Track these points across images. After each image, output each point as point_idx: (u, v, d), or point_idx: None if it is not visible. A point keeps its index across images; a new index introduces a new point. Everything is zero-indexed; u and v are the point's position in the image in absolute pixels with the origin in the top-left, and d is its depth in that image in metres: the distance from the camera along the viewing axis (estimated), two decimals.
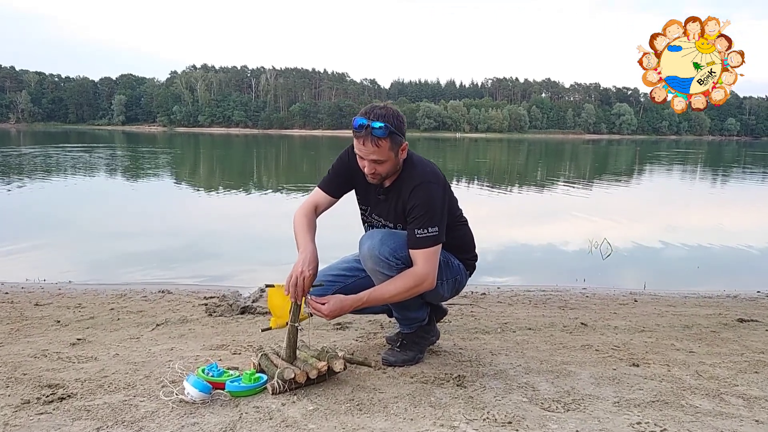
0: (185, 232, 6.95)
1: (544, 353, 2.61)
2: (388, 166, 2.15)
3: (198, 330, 2.93)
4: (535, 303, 3.74)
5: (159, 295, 3.78)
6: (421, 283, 2.15)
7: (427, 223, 2.15)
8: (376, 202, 2.33)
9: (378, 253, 2.15)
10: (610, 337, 2.92)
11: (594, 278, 4.83)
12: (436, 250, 2.18)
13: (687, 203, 11.12)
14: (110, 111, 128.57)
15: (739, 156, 35.01)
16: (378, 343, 2.71)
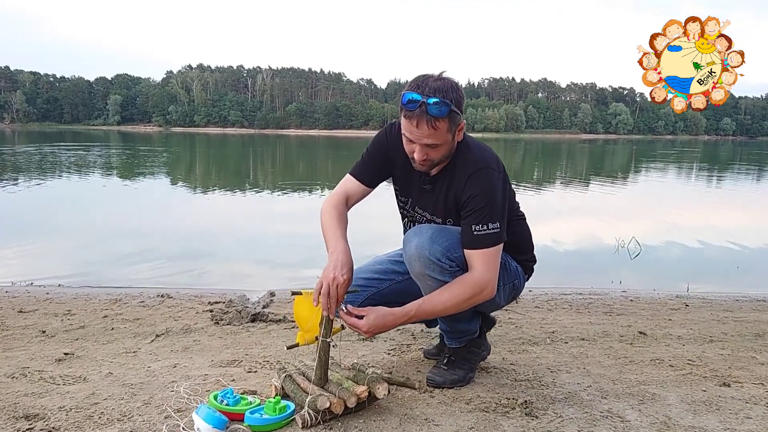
0: (184, 232, 6.56)
1: (612, 370, 2.24)
2: (443, 151, 1.76)
3: (204, 342, 2.54)
4: (577, 308, 3.37)
5: (158, 300, 3.39)
6: (481, 291, 1.78)
7: (487, 217, 1.77)
8: (421, 193, 1.94)
9: (428, 254, 1.77)
10: (679, 349, 2.55)
11: (628, 279, 4.46)
12: (497, 251, 1.80)
13: (702, 201, 10.77)
14: (105, 111, 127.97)
15: (736, 155, 34.79)
16: (414, 357, 2.33)
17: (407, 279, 2.11)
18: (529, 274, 2.10)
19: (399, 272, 2.10)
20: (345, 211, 1.95)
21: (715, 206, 9.87)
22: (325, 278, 1.69)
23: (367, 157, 1.99)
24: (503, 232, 1.81)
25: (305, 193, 10.46)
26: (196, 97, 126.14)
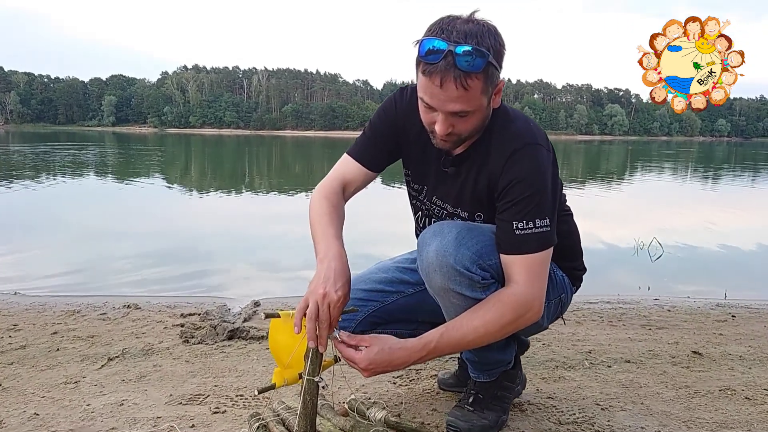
0: (168, 234, 6.06)
1: (677, 405, 1.78)
2: (474, 121, 1.28)
3: (166, 367, 2.07)
4: (609, 320, 2.91)
5: (122, 312, 2.91)
6: (524, 313, 1.31)
7: (534, 212, 1.30)
8: (440, 178, 1.47)
9: (453, 261, 1.30)
10: (747, 374, 2.09)
11: (655, 284, 4.00)
12: (545, 258, 1.34)
13: (708, 201, 10.34)
14: (100, 112, 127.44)
15: (731, 155, 34.49)
16: (427, 387, 1.87)
17: (421, 291, 1.64)
18: (577, 286, 1.64)
19: (409, 282, 1.64)
20: (341, 203, 1.49)
21: (725, 206, 9.44)
22: (313, 295, 1.23)
23: (369, 132, 1.52)
24: (554, 232, 1.35)
25: (299, 194, 9.98)
26: (191, 98, 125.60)
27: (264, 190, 10.41)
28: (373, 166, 1.51)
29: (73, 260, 4.53)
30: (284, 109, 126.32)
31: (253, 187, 11.04)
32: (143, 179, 12.07)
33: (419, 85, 1.26)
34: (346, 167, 1.52)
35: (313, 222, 1.43)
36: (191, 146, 34.40)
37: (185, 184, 11.66)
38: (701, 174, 17.39)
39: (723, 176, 16.44)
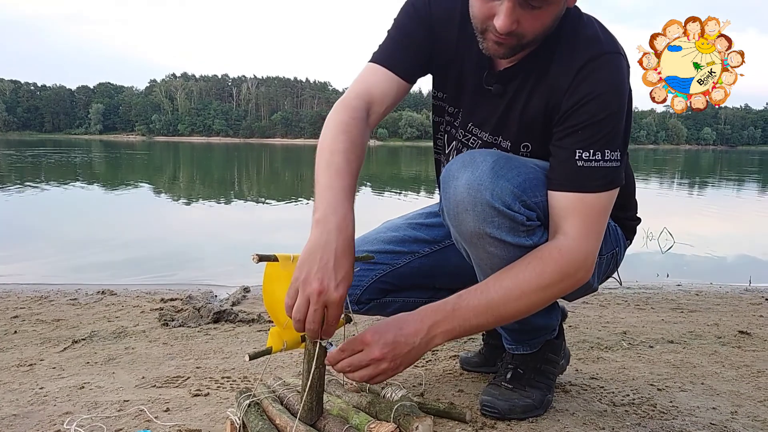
0: (153, 232, 5.75)
1: (744, 385, 1.51)
2: (546, 20, 0.98)
3: (140, 350, 1.77)
4: (636, 303, 2.64)
5: (95, 298, 2.60)
6: (573, 273, 1.03)
7: (606, 140, 1.03)
8: (478, 100, 1.17)
9: (490, 197, 1.02)
10: None
11: (672, 272, 3.76)
12: (608, 202, 1.06)
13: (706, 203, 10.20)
14: (87, 120, 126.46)
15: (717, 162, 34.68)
16: (447, 368, 1.59)
17: (439, 250, 1.38)
18: (630, 239, 1.37)
19: (425, 240, 1.36)
20: (363, 135, 1.09)
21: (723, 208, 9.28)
22: (305, 287, 0.90)
23: (396, 33, 1.16)
24: (623, 170, 1.07)
25: (289, 203, 9.69)
26: (180, 106, 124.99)
27: (253, 197, 10.11)
28: (407, 74, 1.15)
29: (49, 254, 4.21)
30: (273, 117, 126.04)
31: (242, 194, 10.74)
32: (132, 182, 11.71)
33: None
34: (372, 78, 1.14)
35: (320, 161, 1.05)
36: (179, 153, 33.95)
37: (171, 190, 11.32)
38: (688, 182, 17.38)
39: (715, 184, 16.38)
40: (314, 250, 0.92)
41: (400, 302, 1.36)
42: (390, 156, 32.14)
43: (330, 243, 0.92)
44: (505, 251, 1.06)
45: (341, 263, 0.92)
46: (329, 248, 0.92)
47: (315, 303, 0.90)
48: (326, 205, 0.97)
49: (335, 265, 0.91)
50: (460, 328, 1.00)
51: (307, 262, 0.92)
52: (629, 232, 1.35)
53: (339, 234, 0.93)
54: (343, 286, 0.92)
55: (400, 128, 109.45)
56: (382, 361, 0.95)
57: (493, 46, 1.01)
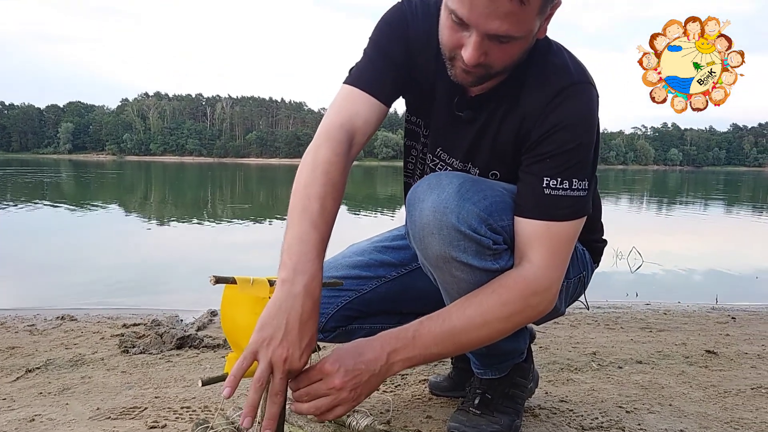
0: (120, 254, 5.60)
1: (711, 406, 1.51)
2: (514, 53, 0.96)
3: (97, 379, 1.69)
4: (605, 323, 2.66)
5: (54, 324, 2.50)
6: (536, 303, 1.02)
7: (575, 170, 1.03)
8: (448, 126, 1.16)
9: (456, 220, 1.00)
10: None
11: (642, 292, 3.80)
12: (574, 232, 1.06)
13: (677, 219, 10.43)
14: (56, 139, 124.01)
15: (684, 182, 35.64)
16: (416, 393, 1.55)
17: (406, 273, 1.36)
18: (597, 262, 1.37)
19: (391, 264, 1.34)
20: (344, 172, 1.04)
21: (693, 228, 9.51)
22: (266, 351, 0.87)
23: (374, 53, 1.11)
24: (590, 200, 1.07)
25: (263, 222, 9.60)
26: (152, 125, 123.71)
27: (226, 218, 9.99)
28: (387, 98, 1.10)
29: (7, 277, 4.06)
30: (248, 137, 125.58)
31: (214, 215, 10.61)
32: (97, 205, 11.46)
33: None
34: (353, 106, 1.08)
35: (294, 204, 0.99)
36: (150, 173, 33.46)
37: (140, 211, 11.11)
38: (657, 202, 17.78)
39: (682, 203, 16.80)
40: (279, 314, 0.89)
41: (366, 329, 1.33)
42: (366, 176, 32.21)
43: (296, 308, 0.89)
44: (472, 275, 1.04)
45: (306, 330, 0.90)
46: (294, 313, 0.89)
47: (279, 371, 0.87)
48: (295, 261, 0.93)
49: (300, 332, 0.89)
50: (420, 357, 0.97)
51: (271, 326, 0.88)
52: (596, 255, 1.35)
53: (306, 298, 0.90)
54: (307, 353, 0.91)
55: (375, 148, 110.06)
56: (342, 390, 0.92)
57: (461, 74, 1.00)
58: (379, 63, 1.10)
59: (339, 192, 1.02)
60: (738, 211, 12.14)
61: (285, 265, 0.93)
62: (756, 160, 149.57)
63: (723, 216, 11.16)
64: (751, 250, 6.12)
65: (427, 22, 1.09)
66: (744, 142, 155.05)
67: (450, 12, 0.93)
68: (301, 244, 0.94)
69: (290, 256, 0.93)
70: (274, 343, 0.87)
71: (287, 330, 0.88)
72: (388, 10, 1.13)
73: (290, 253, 0.94)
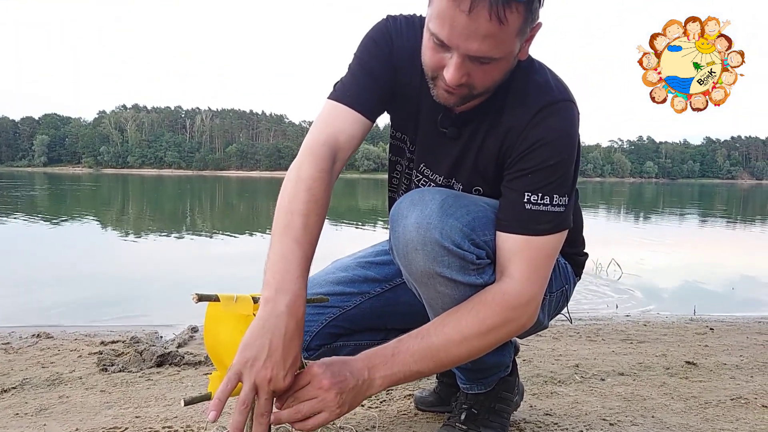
0: (97, 269, 5.50)
1: (692, 417, 1.53)
2: (495, 74, 0.98)
3: (75, 398, 1.65)
4: (587, 335, 2.68)
5: (30, 342, 2.44)
6: (516, 317, 1.02)
7: (556, 186, 1.04)
8: (433, 142, 1.17)
9: (439, 235, 1.01)
10: (752, 383, 1.89)
11: (622, 303, 3.85)
12: (554, 247, 1.07)
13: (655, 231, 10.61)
14: (31, 152, 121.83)
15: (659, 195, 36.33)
16: (402, 408, 1.55)
17: (390, 289, 1.36)
18: (579, 276, 1.38)
19: (376, 279, 1.34)
20: (327, 190, 1.05)
21: (668, 238, 9.68)
22: (250, 372, 0.87)
23: (359, 70, 1.12)
24: (570, 215, 1.09)
25: (242, 234, 9.52)
26: (130, 138, 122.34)
27: (206, 231, 9.89)
28: (371, 113, 1.12)
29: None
30: (228, 149, 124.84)
31: (193, 228, 10.50)
32: (72, 219, 11.26)
33: (434, 11, 0.93)
34: (337, 121, 1.09)
35: (278, 221, 0.99)
36: (127, 186, 33.03)
37: (117, 224, 10.95)
38: (634, 214, 18.08)
39: (659, 215, 17.11)
40: (262, 334, 0.89)
41: (351, 346, 1.32)
42: (347, 188, 32.21)
43: (279, 328, 0.89)
44: (456, 290, 1.05)
45: (290, 349, 0.90)
46: (278, 334, 0.89)
47: (264, 392, 0.87)
48: (279, 280, 0.93)
49: (284, 351, 0.89)
50: (400, 374, 0.97)
51: (254, 346, 0.88)
52: (578, 268, 1.37)
53: (289, 318, 0.90)
54: (291, 373, 0.90)
55: (356, 161, 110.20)
56: (329, 390, 0.91)
57: (444, 94, 1.01)
58: (363, 79, 1.11)
59: (323, 208, 1.02)
60: (713, 223, 12.40)
61: (268, 284, 0.93)
62: (729, 173, 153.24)
63: (698, 228, 11.39)
64: (726, 262, 6.25)
65: (411, 39, 1.11)
66: (717, 155, 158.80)
67: (431, 34, 0.94)
68: (285, 262, 0.94)
69: (273, 274, 0.93)
70: (258, 364, 0.87)
71: (271, 350, 0.88)
72: (373, 27, 1.14)
73: (273, 272, 0.94)
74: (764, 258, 6.73)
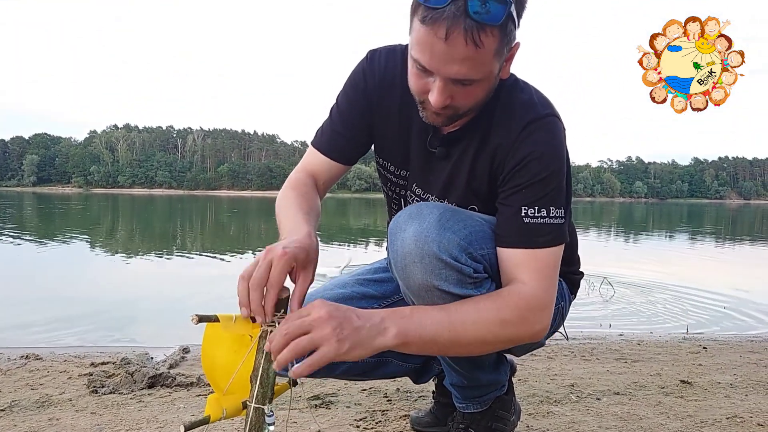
0: (86, 290, 5.45)
1: None
2: (478, 94, 1.01)
3: (66, 420, 1.62)
4: (581, 354, 2.68)
5: (18, 363, 2.40)
6: (531, 317, 1.01)
7: (550, 198, 1.06)
8: (424, 163, 1.19)
9: (437, 249, 1.01)
10: (747, 402, 1.89)
11: (615, 322, 3.85)
12: (556, 257, 1.08)
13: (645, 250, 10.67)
14: (20, 171, 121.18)
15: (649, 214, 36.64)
16: (398, 429, 1.54)
17: (390, 305, 1.35)
18: (574, 294, 1.39)
19: (373, 296, 1.34)
20: (312, 193, 1.20)
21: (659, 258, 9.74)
22: (267, 254, 0.91)
23: (336, 116, 1.23)
24: (566, 228, 1.10)
25: (233, 254, 9.49)
26: (120, 158, 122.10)
27: (196, 251, 9.84)
28: (343, 158, 1.24)
29: None
30: (220, 169, 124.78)
31: (184, 248, 10.44)
32: (61, 239, 11.17)
33: (414, 39, 0.97)
34: (313, 160, 1.25)
35: (279, 211, 1.15)
36: (117, 205, 32.84)
37: (107, 244, 10.86)
38: (624, 233, 18.21)
39: (649, 234, 17.23)
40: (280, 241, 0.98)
41: (348, 363, 1.31)
42: (339, 207, 32.21)
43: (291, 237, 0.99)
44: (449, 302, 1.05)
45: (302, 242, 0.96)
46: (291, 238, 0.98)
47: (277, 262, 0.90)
48: (289, 228, 1.05)
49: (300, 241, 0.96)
50: (414, 332, 0.94)
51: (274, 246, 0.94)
52: (573, 287, 1.37)
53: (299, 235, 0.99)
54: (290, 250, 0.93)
55: (348, 180, 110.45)
56: (326, 322, 0.87)
57: (432, 116, 1.05)
58: (338, 126, 1.22)
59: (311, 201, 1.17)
60: (703, 242, 12.50)
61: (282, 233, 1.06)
62: (717, 193, 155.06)
63: (689, 247, 11.47)
64: (717, 280, 6.28)
65: (391, 68, 1.18)
66: (705, 175, 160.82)
67: (414, 61, 0.99)
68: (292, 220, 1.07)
69: (283, 229, 1.07)
70: (273, 247, 0.92)
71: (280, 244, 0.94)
72: (353, 69, 1.22)
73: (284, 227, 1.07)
74: (754, 277, 6.77)
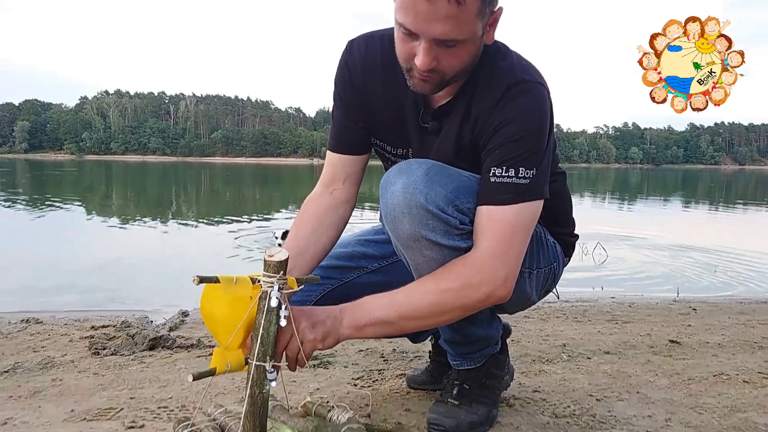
0: (83, 255, 5.46)
1: (676, 392, 1.58)
2: (463, 56, 1.03)
3: (69, 381, 1.66)
4: (574, 316, 2.73)
5: (19, 327, 2.43)
6: (478, 283, 1.06)
7: (522, 159, 1.07)
8: (419, 137, 1.20)
9: (424, 200, 1.05)
10: (734, 360, 1.94)
11: (608, 286, 3.91)
12: (521, 218, 1.08)
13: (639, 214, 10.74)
14: (12, 138, 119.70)
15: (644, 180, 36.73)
16: (394, 387, 1.58)
17: (386, 266, 1.39)
18: (569, 256, 1.41)
19: (373, 256, 1.38)
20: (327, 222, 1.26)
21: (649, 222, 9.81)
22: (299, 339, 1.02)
23: (336, 111, 1.26)
24: (541, 188, 1.10)
25: (228, 221, 9.48)
26: (113, 124, 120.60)
27: (192, 217, 9.83)
28: (356, 148, 1.27)
29: None
30: (213, 136, 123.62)
31: (179, 214, 10.43)
32: (56, 205, 11.12)
33: (398, 3, 0.98)
34: (329, 164, 1.29)
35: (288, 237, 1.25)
36: (111, 172, 32.62)
37: (102, 210, 10.84)
38: (619, 198, 18.26)
39: (644, 199, 17.30)
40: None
41: None
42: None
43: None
44: (441, 254, 1.08)
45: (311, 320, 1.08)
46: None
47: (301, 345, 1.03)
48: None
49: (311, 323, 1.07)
50: (366, 320, 1.07)
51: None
52: (568, 248, 1.40)
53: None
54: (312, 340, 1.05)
55: None
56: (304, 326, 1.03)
57: (419, 83, 1.06)
58: (342, 121, 1.25)
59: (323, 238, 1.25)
60: (696, 206, 12.59)
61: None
62: (712, 158, 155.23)
63: (682, 212, 11.56)
64: (708, 244, 6.35)
65: (372, 50, 1.19)
66: (701, 141, 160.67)
67: (399, 25, 1.00)
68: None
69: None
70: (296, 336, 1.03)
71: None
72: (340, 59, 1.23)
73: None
74: (746, 240, 6.85)
